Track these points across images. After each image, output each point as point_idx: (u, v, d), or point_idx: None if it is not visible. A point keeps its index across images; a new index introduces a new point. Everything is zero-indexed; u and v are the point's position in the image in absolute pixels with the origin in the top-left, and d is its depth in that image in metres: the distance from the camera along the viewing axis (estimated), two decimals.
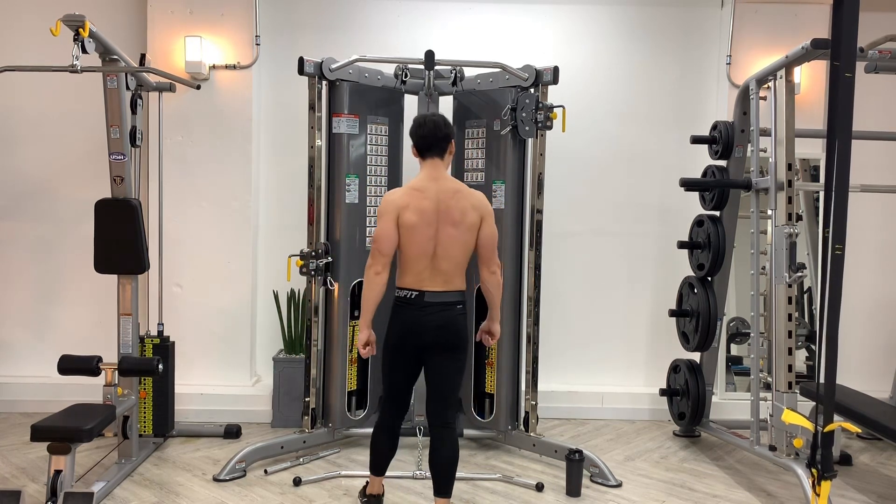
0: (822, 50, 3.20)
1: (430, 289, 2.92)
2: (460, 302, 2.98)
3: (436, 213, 2.91)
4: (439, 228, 2.91)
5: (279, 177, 4.81)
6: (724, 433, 4.09)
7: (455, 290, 2.96)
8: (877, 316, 4.96)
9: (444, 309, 2.92)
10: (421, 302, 2.92)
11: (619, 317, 4.94)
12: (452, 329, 2.94)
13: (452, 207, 2.91)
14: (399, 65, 4.07)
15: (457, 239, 2.92)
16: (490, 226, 2.98)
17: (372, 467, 3.14)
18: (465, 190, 2.99)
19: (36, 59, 4.36)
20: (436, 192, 2.93)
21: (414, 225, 2.89)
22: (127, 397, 3.68)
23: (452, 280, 2.95)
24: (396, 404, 3.09)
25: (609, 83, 4.85)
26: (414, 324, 2.93)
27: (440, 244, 2.91)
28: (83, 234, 4.51)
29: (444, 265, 2.92)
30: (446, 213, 2.91)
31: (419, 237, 2.90)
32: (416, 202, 2.91)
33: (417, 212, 2.90)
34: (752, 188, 3.75)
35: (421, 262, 2.92)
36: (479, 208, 2.96)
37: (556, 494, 3.49)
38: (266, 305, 4.75)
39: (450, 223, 2.91)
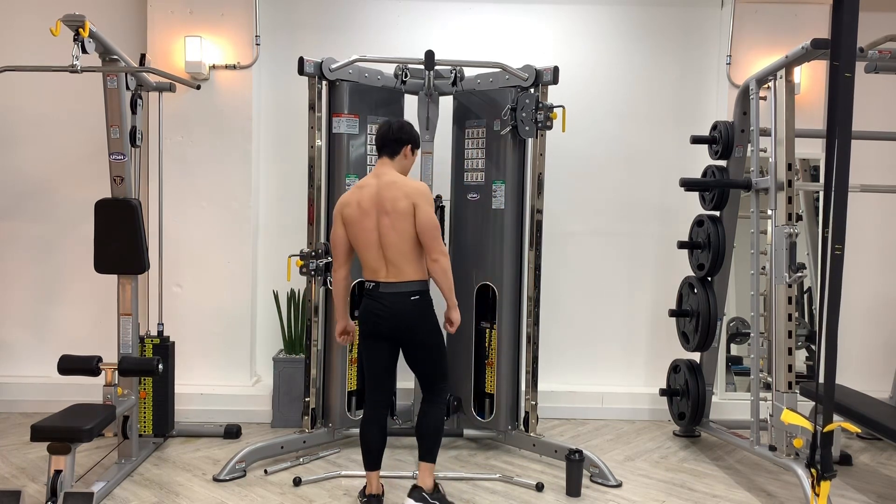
0: (822, 50, 3.20)
1: (384, 279, 3.10)
2: (415, 292, 3.09)
3: (374, 205, 3.07)
4: (378, 219, 3.06)
5: (279, 177, 4.81)
6: (724, 433, 4.09)
7: (407, 279, 3.08)
8: (877, 316, 4.96)
9: (397, 300, 3.08)
10: (377, 293, 3.12)
11: (619, 317, 4.94)
12: (408, 318, 3.08)
13: (385, 197, 3.05)
14: (399, 65, 4.07)
15: (392, 227, 3.04)
16: (424, 212, 3.04)
17: (364, 463, 3.22)
18: (400, 180, 3.11)
19: (36, 59, 4.36)
20: (375, 185, 3.11)
21: (353, 218, 3.11)
22: (127, 397, 3.68)
23: (402, 270, 3.07)
24: (378, 392, 3.25)
25: (609, 83, 4.85)
26: (372, 313, 3.13)
27: (381, 234, 3.06)
28: (83, 234, 4.52)
29: (389, 254, 3.07)
30: (381, 203, 3.06)
31: (359, 229, 3.09)
32: (356, 198, 3.12)
33: (356, 205, 3.10)
34: (752, 188, 3.75)
35: (370, 254, 3.10)
36: (410, 195, 3.05)
37: (556, 494, 3.49)
38: (266, 305, 4.75)
39: (384, 213, 3.05)
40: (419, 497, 3.18)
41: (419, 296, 3.10)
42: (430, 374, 3.23)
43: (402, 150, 3.21)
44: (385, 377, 3.26)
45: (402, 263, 3.07)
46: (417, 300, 3.10)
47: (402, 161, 3.22)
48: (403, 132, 3.22)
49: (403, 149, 3.21)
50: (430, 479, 3.21)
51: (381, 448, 3.23)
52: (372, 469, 3.22)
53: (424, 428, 3.21)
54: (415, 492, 3.21)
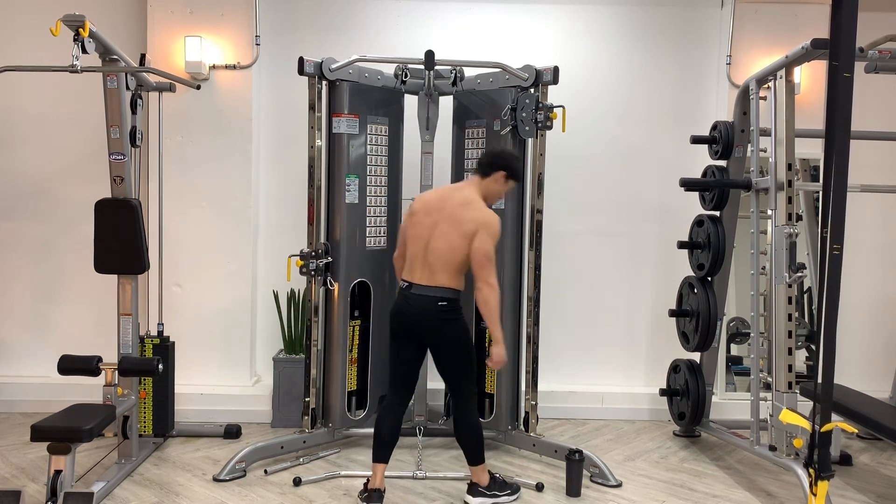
0: (821, 50, 3.19)
1: (417, 281, 3.17)
2: (444, 299, 3.14)
3: (440, 210, 3.17)
4: (437, 222, 3.15)
5: (279, 177, 4.81)
6: (724, 433, 4.09)
7: (438, 285, 3.14)
8: (876, 316, 4.96)
9: (425, 303, 3.15)
10: (408, 293, 3.19)
11: (619, 317, 4.94)
12: (432, 321, 3.15)
13: (456, 211, 3.14)
14: (399, 65, 4.07)
15: (444, 236, 3.12)
16: (482, 241, 3.09)
17: (373, 454, 3.24)
18: (476, 203, 3.19)
19: (36, 59, 4.35)
20: (450, 193, 3.26)
21: (417, 212, 3.24)
22: (127, 397, 3.68)
23: (436, 276, 3.13)
24: (398, 387, 3.30)
25: (609, 83, 4.85)
26: (400, 313, 3.22)
27: (432, 237, 3.14)
28: (83, 234, 4.51)
29: (430, 258, 3.13)
30: (450, 213, 3.15)
31: (416, 222, 3.21)
32: (432, 196, 3.31)
33: (425, 203, 3.26)
34: (752, 188, 3.75)
35: (413, 249, 3.20)
36: (478, 221, 3.12)
37: (556, 494, 3.49)
38: (266, 305, 4.75)
39: (444, 220, 3.14)
40: (476, 492, 3.29)
41: (447, 303, 3.15)
42: (454, 379, 3.27)
43: (493, 173, 3.27)
44: (404, 374, 3.30)
45: (438, 270, 3.14)
46: (444, 307, 3.15)
47: (490, 185, 3.27)
48: (503, 157, 3.32)
49: (496, 173, 3.27)
50: (483, 475, 3.30)
51: (393, 442, 3.28)
52: (379, 461, 3.24)
53: (459, 437, 3.31)
54: (472, 488, 3.32)
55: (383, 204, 4.11)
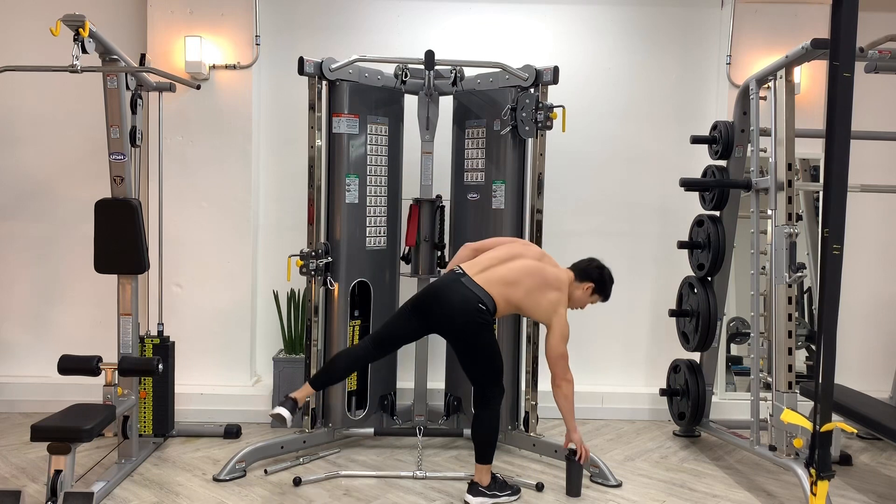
0: (822, 50, 3.20)
1: (472, 275, 3.25)
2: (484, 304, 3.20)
3: (540, 257, 3.44)
4: (531, 259, 3.36)
5: (279, 177, 4.81)
6: (724, 433, 4.09)
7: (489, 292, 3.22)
8: (876, 316, 4.96)
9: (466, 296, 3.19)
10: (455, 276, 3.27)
11: (619, 317, 4.93)
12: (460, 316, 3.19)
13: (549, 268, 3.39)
14: (399, 65, 4.07)
15: (532, 275, 3.28)
16: (558, 341, 3.33)
17: (314, 379, 3.40)
18: (564, 292, 3.41)
19: (36, 59, 4.36)
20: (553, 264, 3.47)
21: (514, 239, 3.59)
22: (127, 397, 3.68)
23: (491, 284, 3.23)
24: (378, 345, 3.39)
25: (609, 83, 4.85)
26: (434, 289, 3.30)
27: (519, 264, 3.31)
28: (83, 234, 4.51)
29: (502, 272, 3.26)
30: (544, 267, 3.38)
31: (512, 243, 3.45)
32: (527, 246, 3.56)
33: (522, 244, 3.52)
34: (752, 188, 3.75)
35: (493, 255, 3.34)
36: (557, 312, 3.35)
37: (556, 494, 3.49)
38: (266, 305, 4.75)
39: (539, 268, 3.34)
40: (476, 492, 3.30)
41: (486, 308, 3.21)
42: (477, 380, 3.33)
43: (585, 283, 3.45)
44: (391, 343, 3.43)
45: (498, 285, 3.24)
46: (482, 310, 3.20)
47: (577, 289, 3.45)
48: (599, 271, 3.50)
49: (585, 283, 3.45)
50: (486, 476, 3.31)
51: (338, 379, 3.53)
52: (315, 387, 3.36)
53: (474, 433, 3.35)
54: (472, 488, 3.33)
55: (383, 204, 4.11)
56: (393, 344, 3.48)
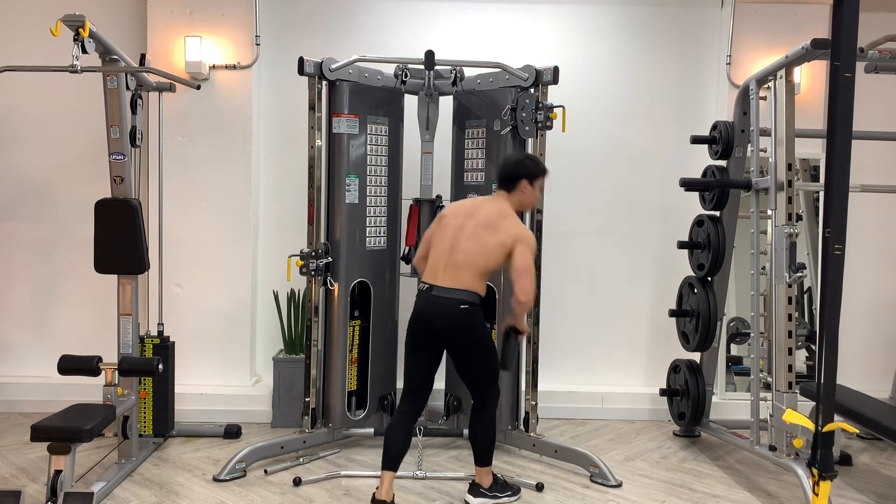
0: (822, 50, 3.20)
1: (439, 283, 3.12)
2: (465, 302, 3.10)
3: (471, 215, 3.17)
4: (466, 226, 3.14)
5: (279, 177, 4.81)
6: (724, 433, 4.09)
7: (461, 287, 3.10)
8: (877, 316, 4.96)
9: (447, 304, 3.10)
10: (429, 295, 3.14)
11: (619, 317, 4.93)
12: (452, 322, 3.11)
13: (492, 217, 3.14)
14: (399, 65, 4.07)
15: (477, 239, 3.10)
16: (524, 255, 3.08)
17: (382, 461, 3.17)
18: (513, 217, 3.17)
19: (36, 59, 4.35)
20: (482, 203, 3.24)
21: (444, 215, 3.26)
22: (127, 397, 3.68)
23: (461, 278, 3.10)
24: (412, 395, 3.24)
25: (609, 83, 4.85)
26: (421, 315, 3.17)
27: (459, 237, 3.12)
28: (83, 234, 4.51)
29: (457, 258, 3.11)
30: (484, 217, 3.14)
31: (444, 227, 3.20)
32: (459, 204, 3.36)
33: (453, 207, 3.31)
34: (752, 188, 3.75)
35: (436, 251, 3.18)
36: (516, 235, 3.10)
37: (556, 494, 3.49)
38: (266, 305, 4.75)
39: (480, 224, 3.12)
40: (476, 493, 3.29)
41: (468, 306, 3.11)
42: (476, 382, 3.26)
43: (518, 185, 3.22)
44: (420, 382, 3.25)
45: (463, 271, 3.11)
46: (466, 309, 3.11)
47: (520, 196, 3.25)
48: (519, 166, 3.25)
49: (519, 183, 3.22)
50: (487, 477, 3.30)
51: (402, 451, 3.19)
52: (387, 468, 3.15)
53: (472, 437, 3.30)
54: (472, 488, 3.32)
55: (383, 204, 4.11)
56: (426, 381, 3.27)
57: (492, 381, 3.26)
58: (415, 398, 3.25)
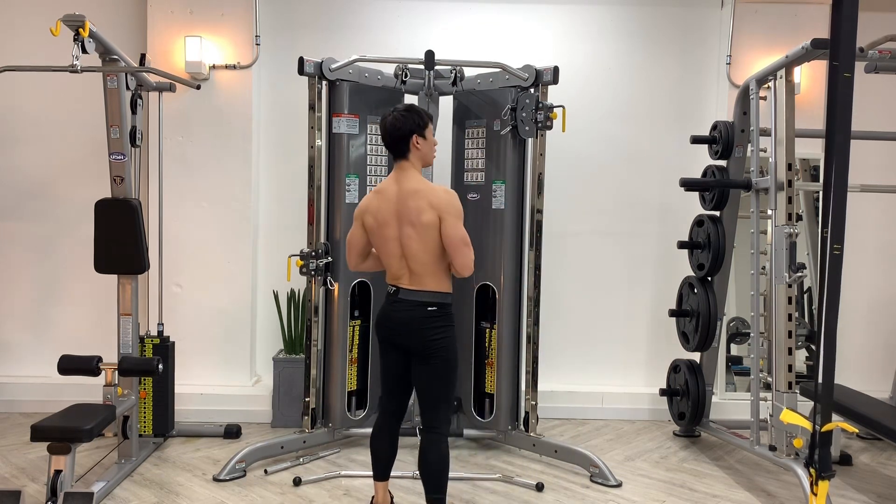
0: (822, 50, 3.20)
1: (405, 286, 2.90)
2: (433, 304, 2.88)
3: (393, 213, 2.87)
4: (400, 229, 2.86)
5: (279, 177, 4.81)
6: (724, 433, 4.09)
7: (426, 289, 2.88)
8: (876, 316, 4.96)
9: (411, 307, 2.88)
10: (395, 298, 2.93)
11: (619, 317, 4.93)
12: (420, 327, 2.87)
13: (410, 207, 2.84)
14: (399, 65, 4.07)
15: (415, 238, 2.84)
16: (450, 226, 2.82)
17: (374, 472, 3.06)
18: (425, 189, 2.87)
19: (36, 59, 4.36)
20: (395, 192, 2.88)
21: (372, 227, 2.93)
22: (127, 397, 3.68)
23: (423, 280, 2.88)
24: (390, 400, 3.05)
25: (609, 83, 4.85)
26: (388, 318, 2.95)
27: (403, 245, 2.86)
28: (83, 234, 4.51)
29: (411, 264, 2.87)
30: (405, 213, 2.85)
31: (380, 238, 2.91)
32: (376, 204, 2.91)
33: (375, 214, 2.91)
34: (752, 188, 3.75)
35: (392, 262, 2.92)
36: (437, 206, 2.82)
37: (556, 494, 3.49)
38: (266, 305, 4.75)
39: (408, 223, 2.84)
40: None
41: (437, 307, 2.89)
42: (432, 397, 2.93)
43: (409, 144, 2.90)
44: (397, 386, 3.03)
45: (423, 274, 2.87)
46: (434, 311, 2.88)
47: (416, 154, 2.92)
48: (400, 125, 2.89)
49: (410, 141, 2.89)
50: None
51: (391, 459, 3.06)
52: (379, 479, 3.06)
53: (428, 463, 2.92)
54: None
55: None
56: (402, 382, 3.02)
57: (450, 398, 2.98)
58: (393, 404, 3.06)
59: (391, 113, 2.94)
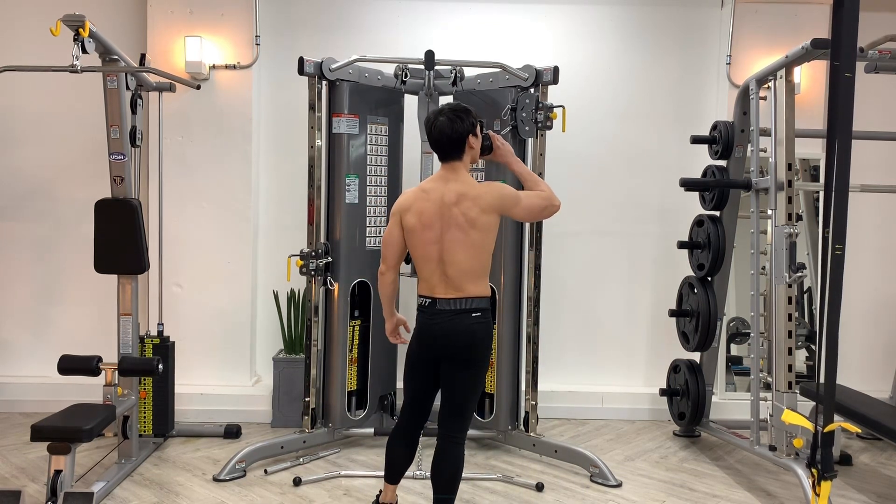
0: (822, 50, 3.20)
1: (441, 296, 2.77)
2: (476, 310, 2.77)
3: (438, 216, 2.74)
4: (443, 232, 2.74)
5: (279, 177, 4.81)
6: (724, 433, 4.09)
7: (468, 296, 2.76)
8: (877, 316, 4.96)
9: (454, 316, 2.75)
10: (433, 310, 2.78)
11: (619, 317, 4.94)
12: (463, 338, 2.75)
13: (456, 213, 2.72)
14: (399, 65, 4.07)
15: (462, 243, 2.73)
16: (525, 208, 2.82)
17: (385, 474, 3.02)
18: (472, 191, 2.76)
19: (36, 59, 4.35)
20: (441, 193, 2.76)
21: (413, 228, 2.79)
22: (127, 397, 3.68)
23: (463, 286, 2.76)
24: (413, 412, 2.96)
25: (609, 83, 4.85)
26: (425, 332, 2.81)
27: (445, 249, 2.74)
28: (83, 234, 4.51)
29: (450, 271, 2.75)
30: (450, 217, 2.73)
31: (419, 241, 2.78)
32: (419, 204, 2.78)
33: (417, 214, 2.77)
34: (752, 188, 3.75)
35: (428, 267, 2.79)
36: (492, 206, 2.74)
37: (556, 494, 3.49)
38: (266, 305, 4.75)
39: (455, 227, 2.73)
40: None
41: (481, 313, 2.77)
42: (460, 404, 2.82)
43: (465, 145, 2.80)
44: (423, 399, 2.94)
45: (463, 282, 2.75)
46: (479, 317, 2.77)
47: (469, 153, 2.84)
48: (460, 123, 2.77)
49: (466, 143, 2.80)
50: None
51: (406, 465, 3.00)
52: (390, 482, 3.00)
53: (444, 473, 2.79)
54: None
55: (383, 204, 4.11)
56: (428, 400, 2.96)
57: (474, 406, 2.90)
58: (415, 414, 2.96)
59: (442, 115, 2.81)
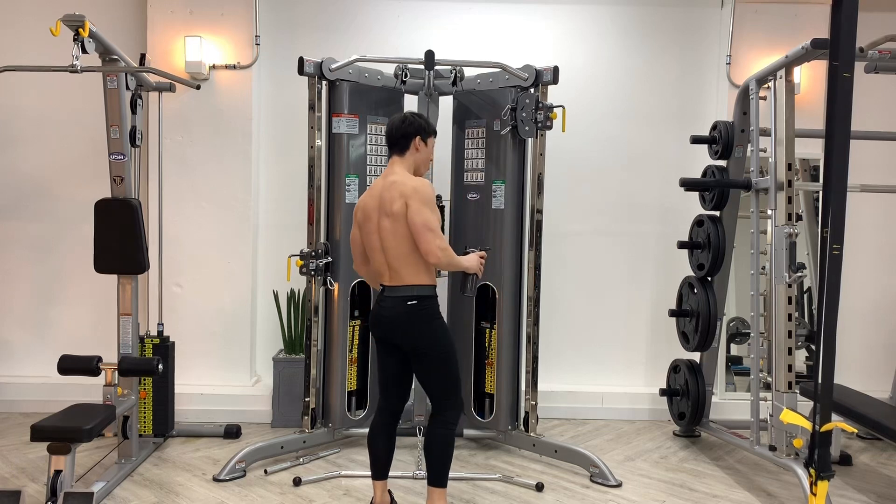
0: (821, 50, 3.20)
1: (387, 283, 2.98)
2: (412, 297, 2.90)
3: (376, 207, 2.95)
4: (379, 221, 2.94)
5: (279, 177, 4.81)
6: (724, 433, 4.09)
7: (405, 283, 2.92)
8: (876, 315, 4.96)
9: (394, 303, 2.93)
10: (381, 296, 3.01)
11: (619, 317, 4.94)
12: (404, 323, 2.92)
13: (385, 199, 2.91)
14: (399, 65, 4.07)
15: (390, 230, 2.89)
16: (416, 211, 2.83)
17: (372, 472, 3.07)
18: (401, 179, 2.93)
19: (36, 59, 4.36)
20: (381, 187, 2.98)
21: (360, 222, 3.03)
22: (127, 397, 3.68)
23: (401, 274, 2.92)
24: (386, 399, 3.08)
25: (609, 83, 4.85)
26: (374, 317, 3.03)
27: (382, 237, 2.93)
28: (83, 234, 4.52)
29: (389, 258, 2.93)
30: (381, 205, 2.93)
31: (365, 232, 3.01)
32: (365, 200, 3.03)
33: (363, 209, 3.01)
34: (752, 188, 3.75)
35: (374, 257, 3.00)
36: (404, 194, 2.86)
37: (556, 494, 3.49)
38: (266, 305, 4.76)
39: (385, 214, 2.91)
40: None
41: (416, 300, 2.90)
42: (433, 390, 2.98)
43: (410, 144, 3.01)
44: (393, 384, 3.06)
45: (400, 267, 2.91)
46: (414, 305, 2.90)
47: (414, 155, 3.03)
48: (408, 124, 3.01)
49: (412, 142, 3.01)
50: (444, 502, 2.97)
51: (389, 458, 3.07)
52: (378, 478, 3.07)
53: (428, 450, 2.97)
54: None
55: None
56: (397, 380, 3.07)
57: (451, 386, 2.98)
58: (388, 402, 3.07)
59: (398, 115, 3.09)
